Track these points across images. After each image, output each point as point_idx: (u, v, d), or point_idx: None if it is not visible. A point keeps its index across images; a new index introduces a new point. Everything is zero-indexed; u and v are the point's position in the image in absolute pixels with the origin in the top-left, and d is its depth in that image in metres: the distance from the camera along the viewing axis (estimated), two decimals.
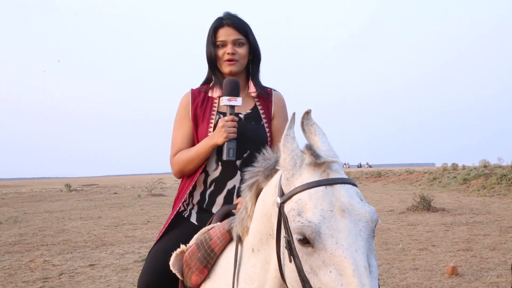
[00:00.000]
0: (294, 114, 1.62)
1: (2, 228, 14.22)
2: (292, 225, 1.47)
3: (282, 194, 1.57)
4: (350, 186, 1.53)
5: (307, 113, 1.64)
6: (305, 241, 1.43)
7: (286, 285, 1.61)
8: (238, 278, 1.87)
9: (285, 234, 1.53)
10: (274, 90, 2.70)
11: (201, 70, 2.71)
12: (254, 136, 2.46)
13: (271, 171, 1.75)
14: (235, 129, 2.34)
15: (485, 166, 27.74)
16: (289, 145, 1.59)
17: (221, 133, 2.32)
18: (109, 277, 7.46)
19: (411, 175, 35.59)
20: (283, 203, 1.55)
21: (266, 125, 2.56)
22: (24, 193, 36.05)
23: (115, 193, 33.26)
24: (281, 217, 1.56)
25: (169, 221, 2.50)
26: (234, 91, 2.39)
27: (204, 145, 2.41)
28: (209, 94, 2.60)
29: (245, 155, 2.46)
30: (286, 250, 1.53)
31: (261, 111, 2.59)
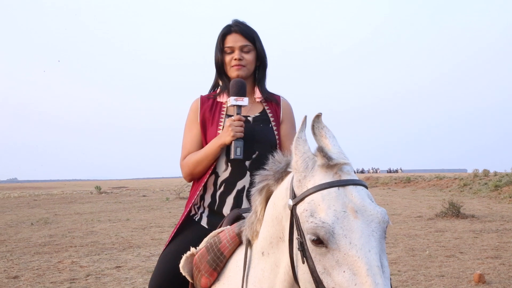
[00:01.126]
0: (305, 117, 1.64)
1: (33, 229, 14.54)
2: (305, 226, 1.48)
3: (294, 196, 1.59)
4: (362, 187, 1.54)
5: (318, 116, 1.66)
6: (319, 241, 1.44)
7: (299, 287, 1.61)
8: (247, 281, 1.88)
9: (298, 235, 1.54)
10: (282, 97, 2.74)
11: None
12: (262, 137, 2.49)
13: (282, 174, 1.77)
14: (242, 128, 2.38)
15: None
16: (301, 148, 1.60)
17: (228, 132, 2.37)
18: (135, 279, 7.55)
19: (441, 181, 35.09)
20: (295, 205, 1.56)
21: (274, 127, 2.59)
22: (56, 195, 36.74)
23: (144, 195, 33.65)
24: (293, 219, 1.57)
25: (179, 224, 2.54)
26: (240, 91, 2.43)
27: (212, 146, 2.45)
28: (218, 99, 2.65)
29: (253, 156, 2.49)
30: (299, 252, 1.54)
31: (269, 114, 2.62)
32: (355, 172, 1.62)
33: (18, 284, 7.34)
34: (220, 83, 2.70)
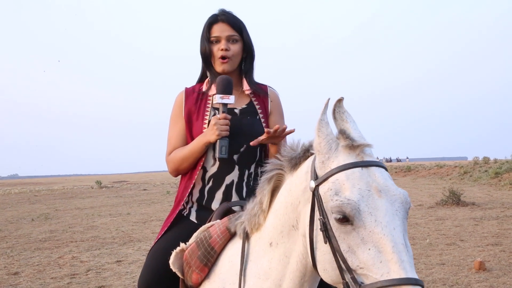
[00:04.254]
0: (328, 100, 1.66)
1: (34, 224, 14.56)
2: (330, 204, 1.50)
3: (316, 177, 1.61)
4: (383, 169, 1.59)
5: (340, 101, 1.68)
6: (344, 219, 1.47)
7: (316, 270, 1.63)
8: (245, 274, 1.87)
9: (320, 216, 1.56)
10: (269, 87, 2.69)
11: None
12: (250, 130, 2.46)
13: (300, 159, 1.77)
14: (227, 127, 2.34)
15: None
16: (324, 130, 1.63)
17: (213, 131, 2.33)
18: (135, 273, 7.53)
19: (441, 169, 35.11)
20: (317, 185, 1.58)
21: (262, 120, 2.55)
22: (56, 190, 36.77)
23: (145, 189, 33.67)
24: (315, 200, 1.59)
25: (172, 220, 2.48)
26: (227, 89, 2.39)
27: (197, 143, 2.41)
28: (204, 90, 2.59)
29: (241, 149, 2.45)
30: (319, 233, 1.56)
31: (257, 106, 2.58)
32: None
33: (18, 280, 7.34)
34: (208, 74, 2.63)
